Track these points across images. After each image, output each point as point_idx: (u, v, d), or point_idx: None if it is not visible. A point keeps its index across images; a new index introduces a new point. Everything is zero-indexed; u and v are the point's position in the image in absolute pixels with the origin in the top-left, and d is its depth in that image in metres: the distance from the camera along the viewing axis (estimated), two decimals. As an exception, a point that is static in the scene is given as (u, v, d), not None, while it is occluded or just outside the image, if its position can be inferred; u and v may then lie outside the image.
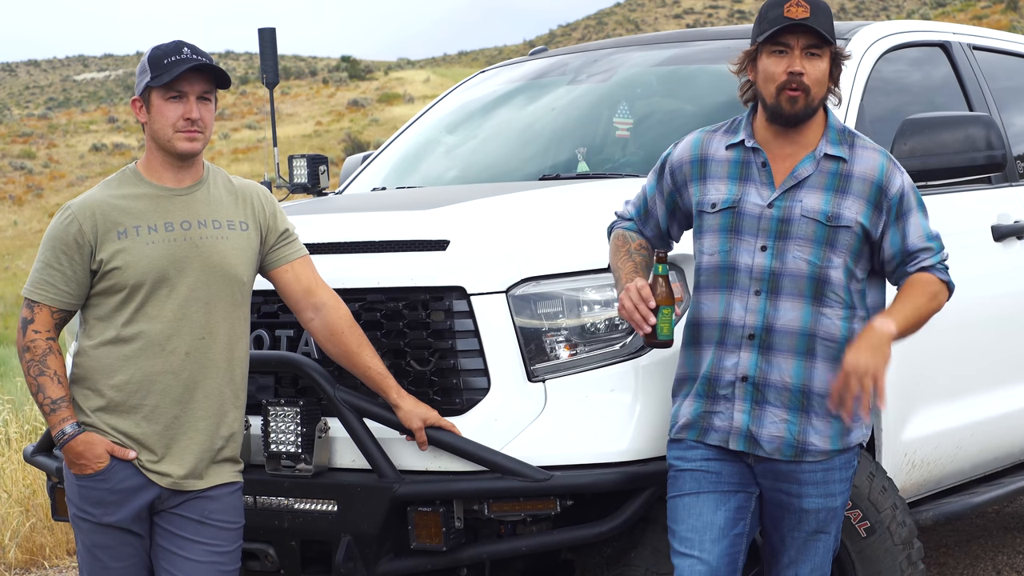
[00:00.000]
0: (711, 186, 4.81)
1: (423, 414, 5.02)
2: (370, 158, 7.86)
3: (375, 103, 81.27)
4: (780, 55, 4.68)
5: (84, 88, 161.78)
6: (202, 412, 4.88)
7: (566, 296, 5.09)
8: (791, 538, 4.81)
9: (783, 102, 4.68)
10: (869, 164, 4.73)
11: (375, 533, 5.09)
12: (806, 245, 4.66)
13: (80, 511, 4.90)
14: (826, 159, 4.73)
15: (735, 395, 4.71)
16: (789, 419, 4.67)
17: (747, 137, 4.80)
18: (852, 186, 4.69)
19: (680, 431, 4.80)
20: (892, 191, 4.71)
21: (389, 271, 5.24)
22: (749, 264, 4.69)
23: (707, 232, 4.79)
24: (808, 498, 4.73)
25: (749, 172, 4.77)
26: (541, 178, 6.65)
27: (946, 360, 6.25)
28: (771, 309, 4.67)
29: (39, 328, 4.82)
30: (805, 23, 4.63)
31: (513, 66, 8.03)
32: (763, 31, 4.70)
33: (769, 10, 4.72)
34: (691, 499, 4.76)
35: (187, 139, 4.86)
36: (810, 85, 4.66)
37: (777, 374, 4.67)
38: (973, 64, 7.16)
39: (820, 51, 4.69)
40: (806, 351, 4.66)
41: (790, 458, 4.68)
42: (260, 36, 8.58)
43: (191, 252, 4.84)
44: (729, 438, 4.71)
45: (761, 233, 4.70)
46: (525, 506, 5.02)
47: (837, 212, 4.66)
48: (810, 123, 4.75)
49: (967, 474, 6.67)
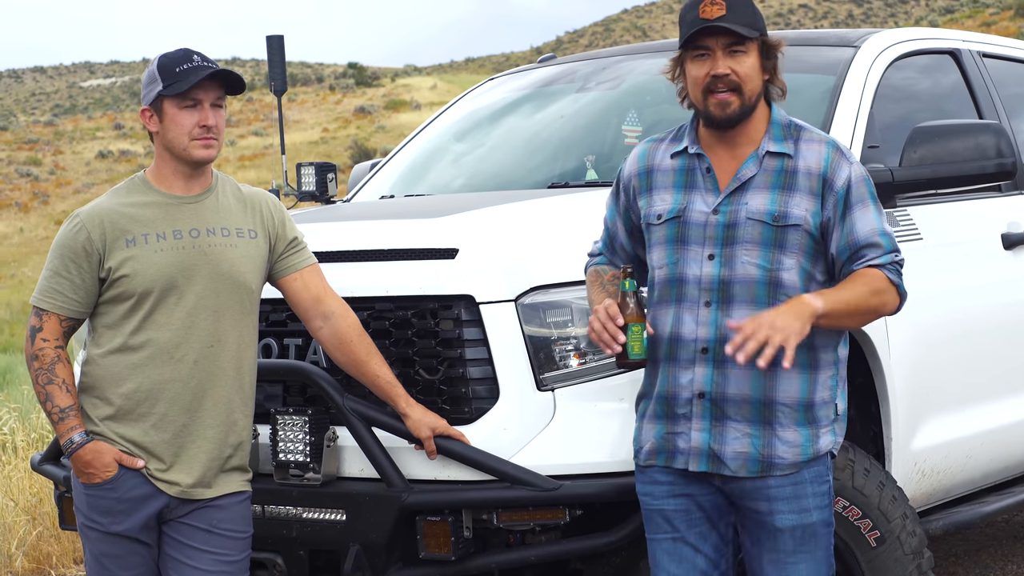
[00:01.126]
0: (656, 197, 4.65)
1: (432, 423, 5.01)
2: (378, 166, 7.86)
3: (382, 110, 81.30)
4: (702, 58, 4.52)
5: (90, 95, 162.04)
6: (211, 420, 4.87)
7: (575, 304, 5.08)
8: (770, 560, 4.59)
9: (712, 107, 4.51)
10: (813, 156, 4.52)
11: (384, 542, 5.08)
12: (754, 249, 4.47)
13: (88, 520, 4.88)
14: (770, 157, 4.54)
15: (693, 413, 4.52)
16: (752, 433, 4.48)
17: (691, 143, 4.64)
18: (798, 182, 4.50)
19: (648, 457, 4.64)
20: (838, 183, 4.49)
21: (398, 280, 5.23)
22: (697, 274, 4.52)
23: (655, 245, 4.63)
24: (780, 515, 4.53)
25: (694, 179, 4.60)
26: (550, 186, 6.64)
27: (956, 369, 6.23)
28: (723, 320, 4.46)
29: (48, 336, 4.81)
30: (720, 23, 4.45)
31: (521, 74, 8.02)
32: (682, 35, 4.54)
33: (687, 12, 4.55)
34: (669, 544, 4.63)
35: (203, 146, 4.85)
36: (740, 82, 4.48)
37: (735, 387, 4.47)
38: (983, 71, 7.14)
39: (744, 47, 4.50)
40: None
41: (756, 474, 4.49)
42: (268, 43, 8.58)
43: (200, 260, 4.83)
44: (689, 459, 4.53)
45: (708, 241, 4.51)
46: (534, 515, 5.01)
47: (784, 211, 4.47)
48: (752, 121, 4.57)
49: (977, 483, 6.65)
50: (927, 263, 6.07)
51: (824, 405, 4.56)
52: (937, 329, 6.03)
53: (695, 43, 4.52)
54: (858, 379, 5.80)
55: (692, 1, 4.53)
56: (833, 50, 6.58)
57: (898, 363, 5.75)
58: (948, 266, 6.26)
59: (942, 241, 6.26)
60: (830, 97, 6.21)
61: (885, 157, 6.13)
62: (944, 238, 6.29)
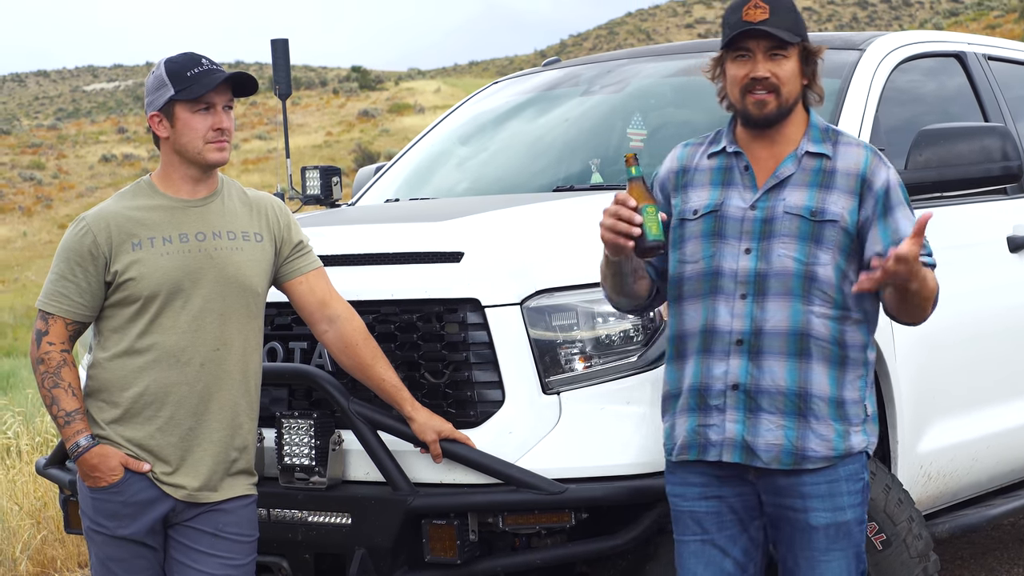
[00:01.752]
0: (693, 194, 4.68)
1: (437, 426, 5.01)
2: (383, 170, 7.85)
3: (385, 113, 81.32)
4: (743, 59, 4.56)
5: (94, 99, 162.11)
6: (216, 424, 4.87)
7: (581, 308, 5.08)
8: (804, 558, 4.58)
9: (750, 106, 4.55)
10: (852, 158, 4.57)
11: (389, 546, 5.08)
12: (791, 242, 4.50)
13: (94, 524, 4.88)
14: (808, 157, 4.59)
15: (727, 405, 4.51)
16: (786, 424, 4.47)
17: (728, 143, 4.69)
18: (836, 181, 4.54)
19: (680, 452, 4.62)
20: (877, 184, 4.53)
21: (403, 283, 5.24)
22: (734, 268, 4.53)
23: (689, 239, 4.63)
24: (814, 512, 4.52)
25: (732, 177, 4.63)
26: (555, 189, 6.65)
27: (962, 372, 6.23)
28: (758, 312, 4.49)
29: (53, 340, 4.81)
30: (763, 27, 4.50)
31: (526, 77, 8.02)
32: (725, 36, 4.59)
33: (730, 14, 4.59)
34: (697, 547, 4.62)
35: (217, 149, 4.86)
36: (778, 85, 4.53)
37: (770, 379, 4.48)
38: (988, 74, 7.14)
39: (784, 51, 4.55)
40: (799, 352, 4.47)
41: (789, 466, 4.47)
42: (273, 47, 8.57)
43: (206, 263, 4.83)
44: (723, 451, 4.54)
45: (744, 235, 4.54)
46: (540, 519, 5.01)
47: (822, 207, 4.51)
48: (790, 123, 4.62)
49: (983, 486, 6.64)
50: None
51: (854, 404, 4.55)
52: (943, 332, 6.01)
53: (737, 45, 4.56)
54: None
55: (736, 3, 4.58)
56: (838, 53, 6.57)
57: (904, 366, 5.74)
58: (954, 269, 6.23)
59: (947, 244, 6.23)
60: (835, 100, 6.20)
61: (890, 160, 6.10)
62: (949, 241, 6.26)
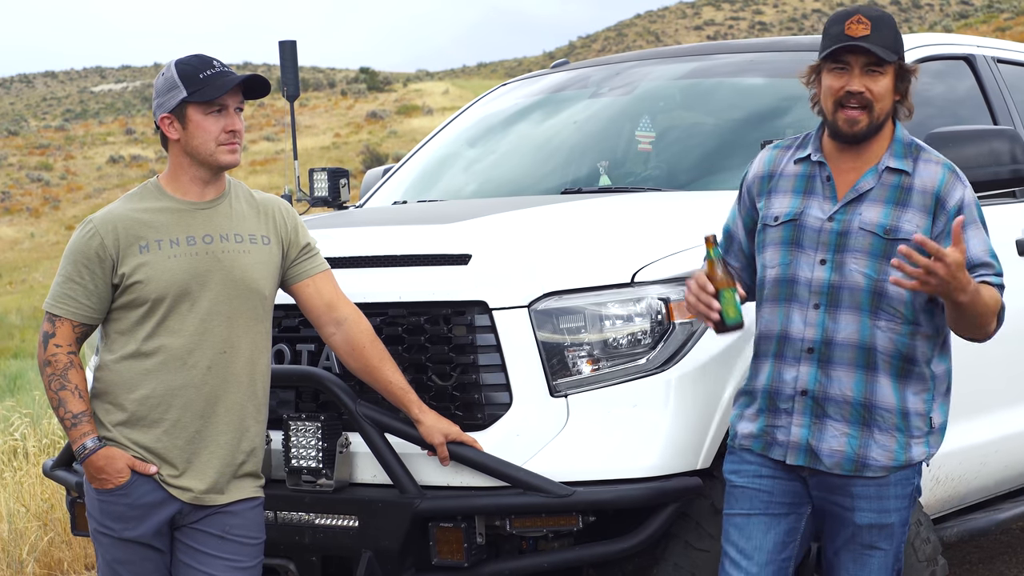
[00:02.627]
0: (775, 200, 4.80)
1: (445, 429, 5.01)
2: (391, 171, 7.85)
3: (394, 115, 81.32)
4: (840, 72, 4.66)
5: (101, 100, 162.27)
6: (224, 426, 4.86)
7: (588, 311, 5.08)
8: (846, 552, 4.75)
9: (840, 122, 4.66)
10: (930, 176, 4.66)
11: (396, 549, 5.07)
12: (863, 258, 4.62)
13: (101, 526, 4.88)
14: (888, 172, 4.68)
15: (795, 409, 4.68)
16: (850, 433, 4.64)
17: (814, 151, 4.79)
18: (912, 199, 4.64)
19: (744, 440, 4.77)
20: (951, 202, 4.62)
21: (411, 285, 5.23)
22: (808, 277, 4.67)
23: (769, 245, 4.77)
24: (860, 512, 4.69)
25: (813, 186, 4.76)
26: (563, 192, 6.64)
27: (970, 375, 6.20)
28: (830, 322, 4.64)
29: (60, 342, 4.81)
30: (864, 43, 4.59)
31: (534, 79, 8.01)
32: (824, 48, 4.68)
33: (832, 26, 4.70)
34: (742, 520, 4.78)
35: (229, 151, 4.87)
36: (872, 101, 4.63)
37: (837, 388, 4.64)
38: (997, 77, 7.13)
39: (881, 68, 4.65)
40: (866, 365, 4.63)
41: (850, 472, 4.65)
42: (281, 49, 8.56)
43: (213, 266, 4.82)
44: (787, 452, 4.69)
45: (821, 246, 4.67)
46: (547, 522, 5.00)
47: (896, 225, 4.61)
48: (876, 137, 4.72)
49: (991, 490, 6.63)
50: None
51: (917, 416, 4.69)
52: (951, 336, 6.00)
53: (836, 57, 4.65)
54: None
55: (839, 15, 4.69)
56: (848, 56, 6.55)
57: (913, 369, 5.72)
58: (962, 272, 6.23)
59: (956, 247, 6.23)
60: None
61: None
62: (958, 244, 6.26)
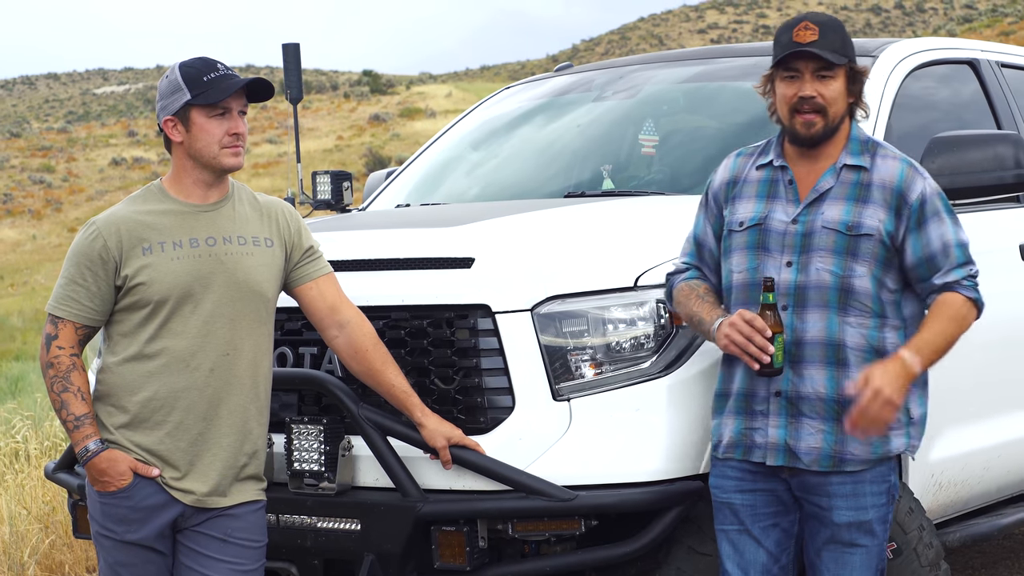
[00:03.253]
0: (740, 205, 4.91)
1: (447, 433, 5.00)
2: (394, 174, 7.84)
3: (397, 118, 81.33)
4: (792, 79, 4.79)
5: (104, 101, 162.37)
6: (226, 429, 4.86)
7: (592, 314, 5.08)
8: (827, 551, 4.83)
9: (797, 126, 4.78)
10: (889, 171, 4.79)
11: (398, 552, 5.07)
12: (828, 256, 4.72)
13: (103, 528, 4.88)
14: (847, 170, 4.80)
15: (770, 411, 4.77)
16: (825, 429, 4.72)
17: (776, 157, 4.91)
18: (872, 194, 4.76)
19: (726, 450, 4.86)
20: (912, 196, 4.75)
21: (414, 289, 5.23)
22: (776, 280, 4.74)
23: (736, 250, 4.87)
24: (838, 511, 4.76)
25: (776, 190, 4.87)
26: (566, 195, 6.64)
27: (974, 380, 6.20)
28: (798, 322, 4.73)
29: (63, 344, 4.80)
30: (811, 48, 4.70)
31: (538, 82, 8.01)
32: (776, 56, 4.80)
33: (781, 34, 4.82)
34: (735, 536, 4.87)
35: (233, 154, 4.86)
36: (825, 105, 4.75)
37: (810, 386, 4.72)
38: (1001, 82, 7.13)
39: (831, 72, 4.77)
40: (836, 361, 4.72)
41: (828, 468, 4.73)
42: (284, 52, 8.57)
43: (216, 268, 4.82)
44: (767, 454, 4.77)
45: (786, 249, 4.78)
46: (549, 526, 4.99)
47: (858, 221, 4.72)
48: (833, 139, 4.83)
49: (994, 495, 6.62)
50: (944, 274, 6.04)
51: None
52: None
53: (786, 64, 4.76)
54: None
55: (788, 24, 4.83)
56: (851, 59, 6.55)
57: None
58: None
59: (960, 252, 6.22)
60: (848, 107, 6.18)
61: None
62: (962, 249, 6.25)
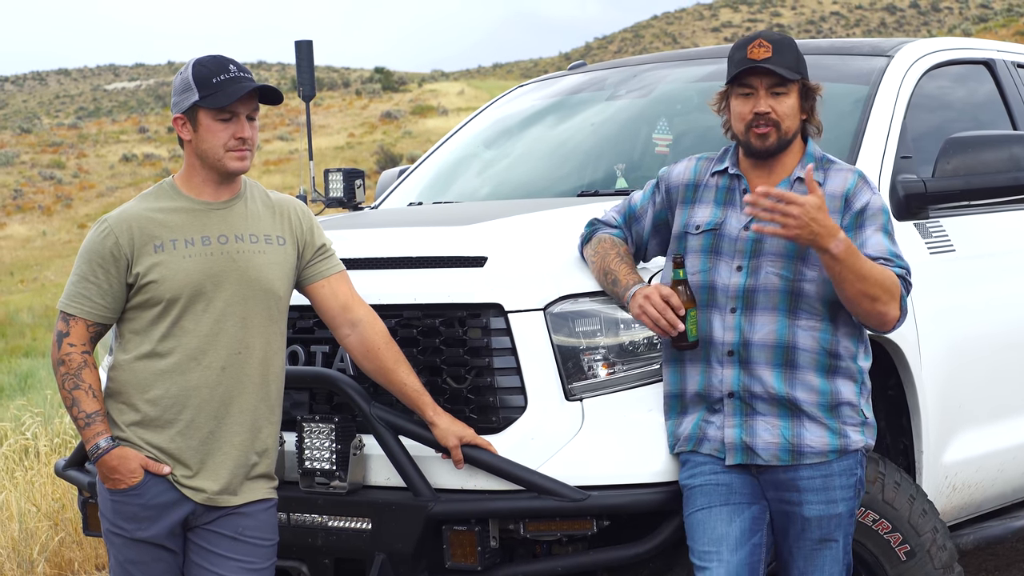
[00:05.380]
0: (698, 209, 5.01)
1: (459, 432, 4.99)
2: (406, 172, 7.83)
3: (408, 115, 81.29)
4: (746, 96, 4.88)
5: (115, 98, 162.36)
6: (237, 427, 4.85)
7: (604, 314, 5.07)
8: (797, 548, 4.90)
9: (752, 139, 4.88)
10: (839, 182, 4.89)
11: (410, 552, 5.06)
12: (778, 260, 4.81)
13: (113, 526, 4.87)
14: (800, 183, 4.86)
15: (725, 411, 4.85)
16: (781, 424, 4.80)
17: (731, 165, 5.01)
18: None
19: (683, 444, 4.92)
20: (857, 204, 4.84)
21: (426, 287, 5.21)
22: (726, 283, 4.86)
23: (690, 253, 4.96)
24: (809, 505, 4.83)
25: (733, 197, 4.97)
26: (579, 194, 6.62)
27: (988, 381, 6.19)
28: (747, 325, 4.82)
29: (74, 341, 4.79)
30: (766, 65, 4.81)
31: (550, 81, 7.99)
32: (730, 73, 4.90)
33: (735, 52, 4.92)
34: (704, 514, 4.86)
35: (238, 158, 4.84)
36: (779, 120, 4.85)
37: (760, 386, 4.81)
38: (1017, 82, 7.10)
39: (785, 88, 4.87)
40: (784, 363, 4.80)
41: (788, 463, 4.80)
42: (297, 49, 8.57)
43: (228, 266, 4.81)
44: (726, 454, 4.83)
45: (737, 254, 4.87)
46: (561, 526, 4.98)
47: None
48: (788, 153, 4.94)
49: (1008, 497, 6.60)
50: (959, 275, 6.05)
51: (848, 407, 4.86)
52: (969, 341, 5.99)
53: (741, 81, 4.89)
54: (889, 391, 5.77)
55: (741, 41, 4.95)
56: (866, 59, 6.56)
57: (930, 375, 5.71)
58: (980, 278, 6.22)
59: (974, 253, 6.22)
60: (863, 107, 6.19)
61: (918, 168, 6.10)
62: (976, 250, 6.25)
